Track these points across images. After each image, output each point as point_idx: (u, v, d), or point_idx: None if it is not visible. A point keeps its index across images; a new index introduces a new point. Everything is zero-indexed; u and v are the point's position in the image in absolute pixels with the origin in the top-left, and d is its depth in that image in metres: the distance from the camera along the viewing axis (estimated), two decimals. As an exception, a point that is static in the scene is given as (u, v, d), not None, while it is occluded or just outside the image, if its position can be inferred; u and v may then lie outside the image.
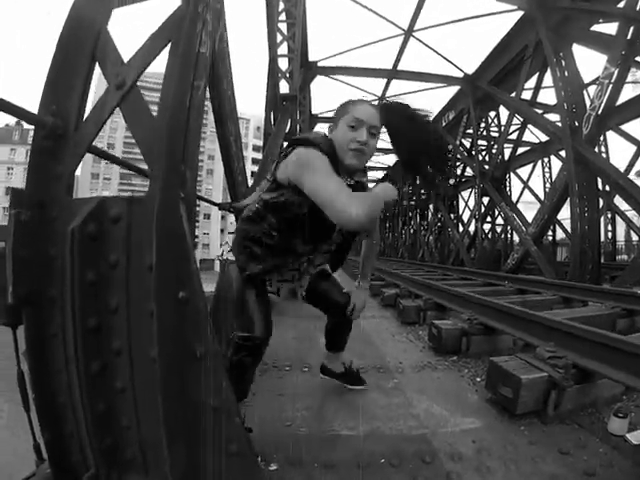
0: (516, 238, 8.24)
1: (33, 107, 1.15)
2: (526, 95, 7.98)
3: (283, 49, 5.83)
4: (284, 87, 5.72)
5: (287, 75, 5.62)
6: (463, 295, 3.23)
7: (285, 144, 1.59)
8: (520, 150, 11.70)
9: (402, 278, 5.36)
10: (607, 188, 9.35)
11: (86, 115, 1.10)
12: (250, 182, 3.37)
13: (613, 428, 1.45)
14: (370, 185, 1.62)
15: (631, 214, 10.08)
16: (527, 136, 8.99)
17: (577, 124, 6.02)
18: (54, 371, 0.96)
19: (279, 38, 5.71)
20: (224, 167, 2.63)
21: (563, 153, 6.58)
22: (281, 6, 5.85)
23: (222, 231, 47.32)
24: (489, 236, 9.05)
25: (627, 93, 8.61)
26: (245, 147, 53.05)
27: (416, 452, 1.33)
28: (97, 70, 1.18)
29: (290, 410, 1.66)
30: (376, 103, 1.44)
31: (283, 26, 5.88)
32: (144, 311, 0.88)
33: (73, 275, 0.86)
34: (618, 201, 10.07)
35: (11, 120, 49.20)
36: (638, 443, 1.35)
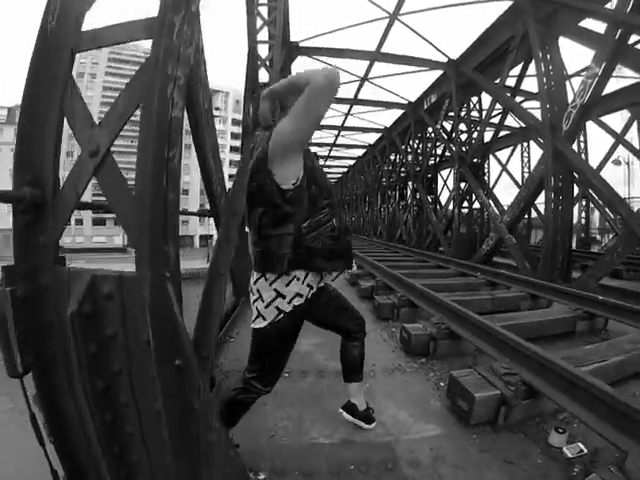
0: (493, 222, 8.50)
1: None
2: (511, 81, 8.00)
3: (263, 34, 5.62)
4: (264, 75, 5.59)
5: (267, 63, 5.46)
6: (433, 298, 3.44)
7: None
8: (500, 133, 11.93)
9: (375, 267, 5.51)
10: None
11: (62, 181, 1.15)
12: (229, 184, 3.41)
13: (553, 441, 1.67)
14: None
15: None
16: (508, 120, 9.11)
17: (557, 120, 6.14)
18: (67, 417, 1.13)
19: (259, 23, 5.50)
20: (202, 179, 2.67)
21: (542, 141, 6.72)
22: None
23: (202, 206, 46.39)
24: (465, 220, 9.32)
25: (610, 85, 8.77)
26: (224, 121, 51.37)
27: (381, 460, 1.56)
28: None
29: (273, 420, 1.87)
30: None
31: (264, 10, 5.65)
32: (145, 374, 1.01)
33: (78, 348, 0.97)
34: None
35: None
36: (572, 456, 1.58)
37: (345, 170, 27.43)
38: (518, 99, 9.44)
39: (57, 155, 1.21)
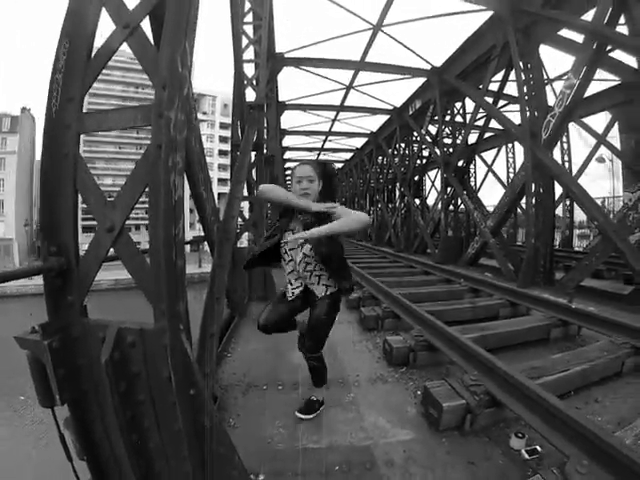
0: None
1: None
2: (495, 86, 8.31)
3: (249, 53, 5.87)
4: (250, 93, 5.84)
5: (253, 82, 5.72)
6: (412, 310, 3.75)
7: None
8: (486, 135, 12.34)
9: (362, 277, 5.83)
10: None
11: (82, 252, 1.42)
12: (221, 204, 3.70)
13: (513, 444, 1.92)
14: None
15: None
16: (493, 122, 9.45)
17: (537, 128, 6.47)
18: (96, 438, 1.40)
19: (245, 42, 5.75)
20: (196, 208, 2.94)
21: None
22: (247, 6, 5.84)
23: (191, 211, 46.36)
24: (452, 224, 9.71)
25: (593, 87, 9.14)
26: (212, 125, 51.44)
27: (361, 461, 1.86)
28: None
29: (270, 428, 2.16)
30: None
31: (248, 28, 5.89)
32: (166, 402, 1.30)
33: (111, 387, 1.25)
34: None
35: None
36: (529, 458, 1.82)
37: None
38: (502, 102, 9.87)
39: (75, 225, 1.49)
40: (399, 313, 3.96)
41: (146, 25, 1.59)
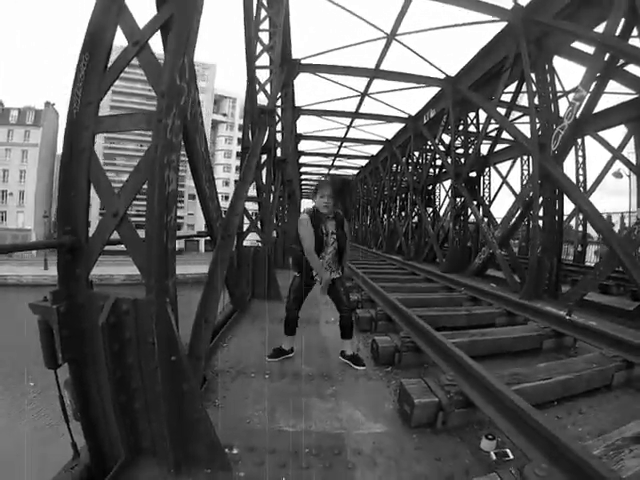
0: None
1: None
2: (507, 97, 8.39)
3: (264, 59, 6.17)
4: (264, 98, 6.13)
5: (266, 88, 6.00)
6: (403, 312, 3.87)
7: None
8: (501, 146, 12.34)
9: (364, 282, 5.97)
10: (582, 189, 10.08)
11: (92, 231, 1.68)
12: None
13: (484, 446, 1.97)
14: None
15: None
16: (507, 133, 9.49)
17: (546, 139, 6.49)
18: (91, 397, 1.63)
19: (259, 48, 6.05)
20: (201, 205, 3.19)
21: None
22: (263, 14, 6.14)
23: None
24: (462, 233, 9.75)
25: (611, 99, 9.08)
26: (232, 127, 52.65)
27: (332, 446, 2.01)
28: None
29: (251, 410, 2.36)
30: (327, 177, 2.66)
31: (264, 34, 6.18)
32: (151, 365, 1.52)
33: (105, 347, 1.49)
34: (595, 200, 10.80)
35: (24, 102, 48.97)
36: (497, 460, 1.87)
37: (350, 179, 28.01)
38: (516, 113, 9.90)
39: (87, 210, 1.77)
40: (391, 315, 4.10)
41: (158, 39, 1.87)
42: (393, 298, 4.43)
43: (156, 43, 1.95)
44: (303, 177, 28.02)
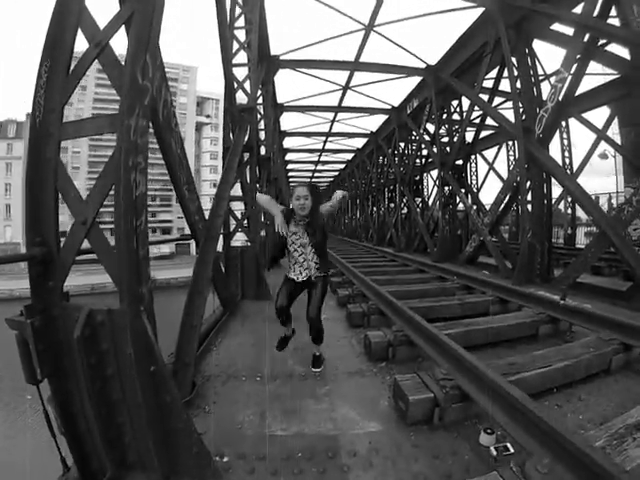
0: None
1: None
2: (489, 83, 8.39)
3: (242, 57, 6.07)
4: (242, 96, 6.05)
5: (244, 86, 5.92)
6: (395, 306, 3.83)
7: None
8: (486, 132, 12.40)
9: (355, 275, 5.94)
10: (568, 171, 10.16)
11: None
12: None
13: (483, 441, 1.90)
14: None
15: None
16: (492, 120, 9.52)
17: (530, 124, 6.51)
18: (74, 411, 1.60)
19: (235, 46, 5.96)
20: (182, 208, 3.12)
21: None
22: (237, 11, 6.04)
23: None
24: (451, 222, 9.79)
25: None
26: (216, 128, 52.31)
27: (326, 449, 1.97)
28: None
29: (242, 415, 2.31)
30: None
31: (240, 32, 6.08)
32: (129, 377, 1.48)
33: (82, 360, 1.45)
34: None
35: (5, 115, 47.92)
36: (497, 455, 1.80)
37: (337, 174, 27.98)
38: (499, 99, 9.94)
39: (56, 220, 1.71)
40: (383, 309, 4.08)
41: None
42: (384, 291, 4.41)
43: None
44: (290, 174, 27.92)
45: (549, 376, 2.51)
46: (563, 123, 11.47)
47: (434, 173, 13.80)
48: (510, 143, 14.24)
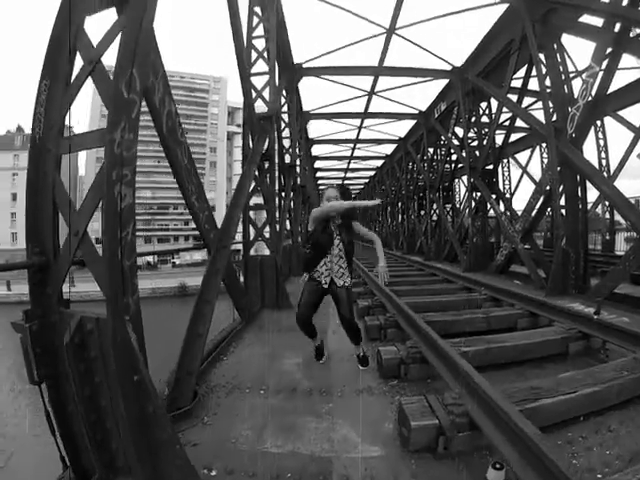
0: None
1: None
2: (518, 83, 8.05)
3: (260, 66, 6.17)
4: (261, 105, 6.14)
5: (263, 94, 6.00)
6: (413, 319, 3.61)
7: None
8: (518, 135, 11.86)
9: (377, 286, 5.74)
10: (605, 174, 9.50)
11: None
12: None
13: (490, 476, 1.71)
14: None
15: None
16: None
17: (562, 123, 6.16)
18: (69, 413, 1.66)
19: (254, 55, 6.07)
20: (192, 217, 3.17)
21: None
22: (255, 20, 6.17)
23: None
24: (482, 229, 9.38)
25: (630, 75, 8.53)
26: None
27: (317, 471, 1.86)
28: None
29: (239, 429, 2.27)
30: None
31: (260, 41, 6.19)
32: (115, 385, 1.49)
33: (71, 366, 1.51)
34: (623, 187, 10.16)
35: (12, 126, 52.09)
36: None
37: (366, 181, 27.84)
38: (530, 100, 9.49)
39: (54, 230, 1.78)
40: (400, 322, 3.91)
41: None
42: (402, 302, 4.25)
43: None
44: (320, 182, 28.09)
45: (575, 403, 2.23)
46: (598, 122, 10.77)
47: (465, 179, 13.38)
48: (544, 145, 13.54)
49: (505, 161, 13.62)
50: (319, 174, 24.57)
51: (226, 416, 2.42)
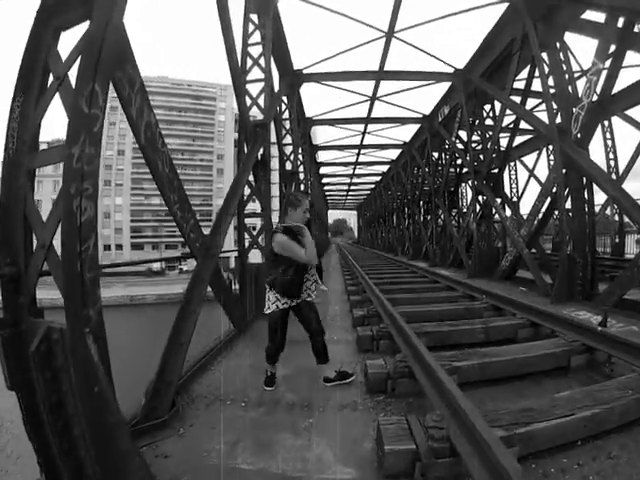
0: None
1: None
2: (521, 84, 7.98)
3: (255, 73, 6.25)
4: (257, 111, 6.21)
5: (258, 101, 6.07)
6: (404, 330, 3.48)
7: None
8: (525, 137, 11.73)
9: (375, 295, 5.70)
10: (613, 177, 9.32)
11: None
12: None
13: None
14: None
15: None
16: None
17: (566, 124, 6.07)
18: (42, 420, 1.67)
19: (249, 63, 6.15)
20: (177, 226, 3.19)
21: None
22: (251, 27, 6.26)
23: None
24: (487, 234, 9.27)
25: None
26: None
27: (284, 492, 1.81)
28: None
29: (213, 443, 2.24)
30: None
31: (254, 49, 6.27)
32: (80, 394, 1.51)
33: (38, 375, 1.55)
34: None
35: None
36: None
37: (372, 187, 27.85)
38: (535, 101, 9.39)
39: (26, 242, 1.85)
40: (393, 333, 3.82)
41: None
42: (395, 312, 4.19)
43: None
44: (326, 188, 28.18)
45: (571, 427, 2.08)
46: (605, 123, 10.58)
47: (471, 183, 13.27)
48: (550, 147, 13.35)
49: (512, 164, 13.44)
50: (325, 180, 24.68)
51: (203, 428, 2.41)
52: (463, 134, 10.90)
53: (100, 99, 1.65)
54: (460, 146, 10.82)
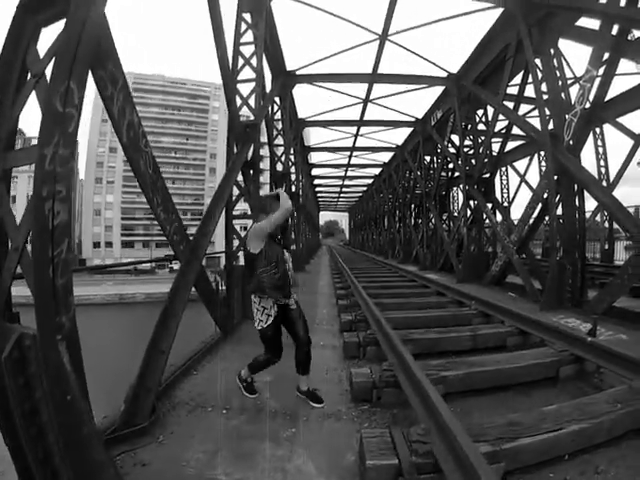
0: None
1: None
2: (514, 90, 8.04)
3: (247, 73, 6.20)
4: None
5: (249, 102, 6.02)
6: (390, 338, 3.46)
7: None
8: (517, 143, 11.86)
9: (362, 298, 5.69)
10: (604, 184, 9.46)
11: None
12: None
13: None
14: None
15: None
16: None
17: (558, 130, 6.13)
18: (14, 428, 1.60)
19: (240, 62, 6.10)
20: (160, 228, 3.14)
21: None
22: (243, 27, 6.22)
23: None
24: (477, 239, 9.32)
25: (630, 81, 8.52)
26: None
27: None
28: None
29: (192, 452, 2.20)
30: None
31: (246, 48, 6.22)
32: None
33: (10, 381, 1.47)
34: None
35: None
36: None
37: (364, 189, 27.94)
38: (528, 107, 9.49)
39: (1, 246, 1.77)
40: (380, 340, 3.77)
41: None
42: (383, 318, 4.16)
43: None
44: (318, 190, 28.18)
45: (559, 442, 2.05)
46: (597, 130, 10.75)
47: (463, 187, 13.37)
48: (542, 153, 13.51)
49: (504, 169, 13.58)
50: (317, 181, 24.67)
51: (183, 436, 2.36)
52: (455, 138, 10.96)
53: (76, 97, 1.60)
54: (452, 150, 10.90)
